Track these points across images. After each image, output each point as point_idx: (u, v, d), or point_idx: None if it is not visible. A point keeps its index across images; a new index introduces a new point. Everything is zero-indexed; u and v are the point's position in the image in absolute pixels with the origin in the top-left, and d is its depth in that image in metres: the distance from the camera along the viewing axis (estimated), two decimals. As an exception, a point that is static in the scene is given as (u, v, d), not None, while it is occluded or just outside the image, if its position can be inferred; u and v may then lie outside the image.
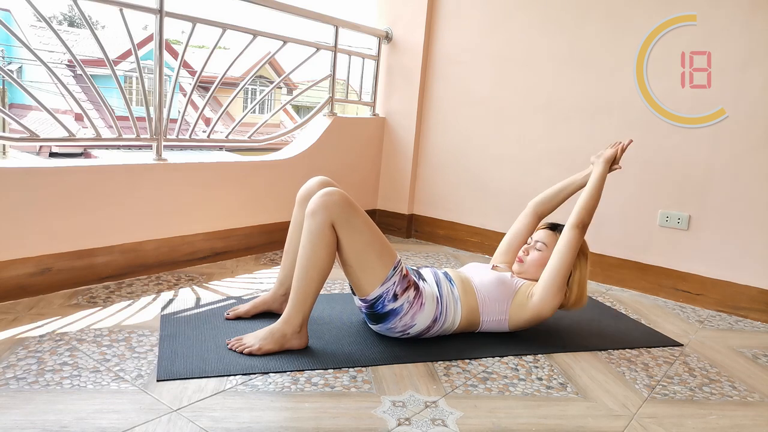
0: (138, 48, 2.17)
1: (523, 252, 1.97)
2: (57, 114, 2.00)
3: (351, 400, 1.46)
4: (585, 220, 1.86)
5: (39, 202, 1.94)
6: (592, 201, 1.89)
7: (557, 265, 1.83)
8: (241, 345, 1.66)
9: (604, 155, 2.00)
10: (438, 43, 3.22)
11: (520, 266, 1.96)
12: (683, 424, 1.50)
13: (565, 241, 1.84)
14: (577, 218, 1.85)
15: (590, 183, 1.93)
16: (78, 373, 1.47)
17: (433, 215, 3.34)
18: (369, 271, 1.67)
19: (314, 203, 1.63)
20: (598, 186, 1.91)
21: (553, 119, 2.88)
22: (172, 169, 2.33)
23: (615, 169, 2.00)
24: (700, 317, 2.41)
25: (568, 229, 1.85)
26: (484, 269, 1.97)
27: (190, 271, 2.40)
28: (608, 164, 1.98)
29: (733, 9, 2.39)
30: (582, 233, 1.85)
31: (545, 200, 2.14)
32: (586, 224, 1.86)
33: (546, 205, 2.14)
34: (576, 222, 1.85)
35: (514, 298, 1.87)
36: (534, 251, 1.95)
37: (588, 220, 1.86)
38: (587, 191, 1.91)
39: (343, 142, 3.14)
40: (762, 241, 2.40)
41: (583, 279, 1.92)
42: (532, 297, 1.85)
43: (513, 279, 1.91)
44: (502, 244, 2.15)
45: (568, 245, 1.83)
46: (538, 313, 1.85)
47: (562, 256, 1.83)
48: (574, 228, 1.84)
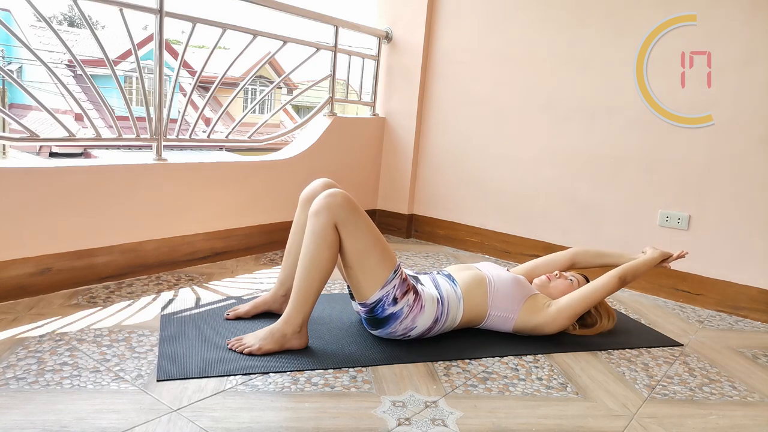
0: (138, 48, 2.17)
1: (554, 275, 2.08)
2: (57, 114, 2.00)
3: (351, 400, 1.46)
4: (627, 279, 1.99)
5: (39, 202, 1.94)
6: (637, 272, 2.02)
7: (585, 295, 1.95)
8: (241, 345, 1.66)
9: (661, 249, 2.11)
10: (438, 43, 3.22)
11: (544, 282, 2.06)
12: (683, 424, 1.50)
13: (603, 283, 1.96)
14: (623, 273, 1.98)
15: (643, 260, 2.05)
16: (78, 373, 1.47)
17: (433, 215, 3.34)
18: (370, 274, 1.67)
19: (318, 203, 1.64)
20: (646, 266, 2.04)
21: (553, 119, 2.88)
22: (172, 169, 2.33)
23: (663, 266, 2.10)
24: (700, 317, 2.41)
25: (612, 275, 1.98)
26: (500, 268, 2.02)
27: (190, 271, 2.40)
28: (662, 258, 2.08)
29: (733, 9, 2.39)
30: (618, 286, 1.97)
31: (589, 256, 2.20)
32: (625, 282, 1.99)
33: (587, 261, 2.20)
34: (621, 275, 1.98)
35: (527, 300, 1.91)
36: (565, 280, 2.06)
37: (629, 281, 2.00)
38: (639, 263, 2.04)
39: (343, 142, 3.14)
40: (762, 241, 2.40)
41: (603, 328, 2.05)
42: (549, 307, 1.92)
43: (530, 285, 1.99)
44: (527, 264, 2.22)
45: (603, 287, 1.95)
46: (547, 323, 1.91)
47: (593, 291, 1.95)
48: (617, 278, 1.97)
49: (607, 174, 2.75)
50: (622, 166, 2.71)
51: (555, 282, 2.05)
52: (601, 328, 2.04)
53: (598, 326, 2.03)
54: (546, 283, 2.05)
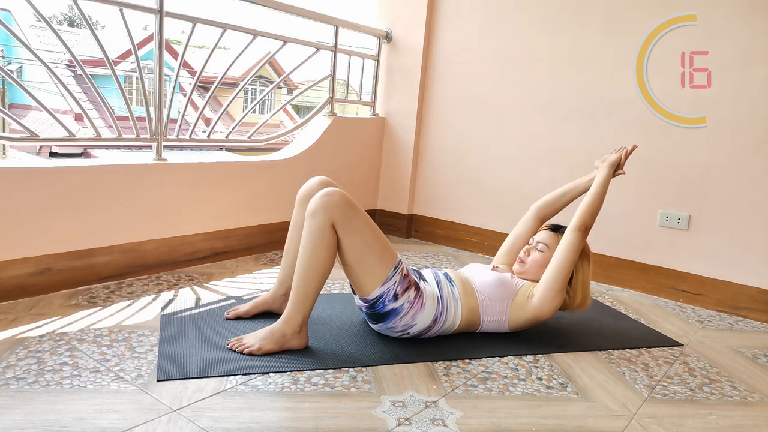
0: (138, 48, 2.17)
1: (524, 252, 1.97)
2: (57, 114, 2.01)
3: (351, 400, 1.46)
4: (587, 223, 1.86)
5: (39, 202, 1.94)
6: (595, 204, 1.89)
7: (558, 266, 1.83)
8: (241, 345, 1.66)
9: (608, 160, 1.99)
10: (438, 43, 3.22)
11: (521, 266, 1.96)
12: (683, 424, 1.50)
13: (567, 243, 1.84)
14: (580, 221, 1.85)
15: (594, 187, 1.93)
16: (78, 373, 1.47)
17: (433, 215, 3.34)
18: (369, 272, 1.67)
19: (314, 203, 1.63)
20: (602, 190, 1.91)
21: (553, 119, 2.88)
22: (172, 169, 2.33)
23: (619, 174, 1.99)
24: (700, 317, 2.41)
25: (570, 231, 1.86)
26: (484, 270, 1.98)
27: (190, 271, 2.40)
28: (612, 169, 1.97)
29: (733, 9, 2.39)
30: (584, 236, 1.85)
31: (548, 203, 2.13)
32: (588, 227, 1.86)
33: (548, 209, 2.13)
34: (578, 224, 1.85)
35: (514, 298, 1.87)
36: (535, 252, 1.95)
37: (590, 223, 1.87)
38: (590, 195, 1.91)
39: (343, 142, 3.14)
40: (762, 241, 2.40)
41: (586, 281, 1.93)
42: (531, 298, 1.86)
43: (513, 279, 1.92)
44: (504, 246, 2.15)
45: (569, 247, 1.83)
46: (537, 313, 1.85)
47: (563, 257, 1.83)
48: (576, 230, 1.84)
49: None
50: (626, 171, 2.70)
51: (529, 261, 1.94)
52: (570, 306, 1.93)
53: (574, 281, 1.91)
54: (522, 266, 1.95)
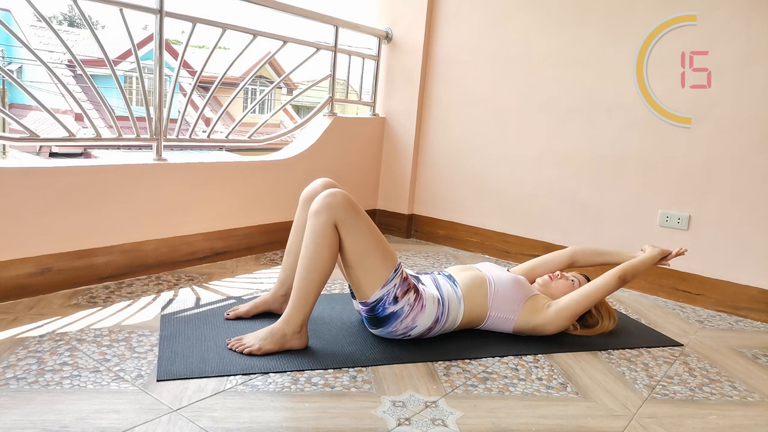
0: (138, 48, 2.17)
1: (557, 275, 2.08)
2: (57, 114, 2.00)
3: (351, 400, 1.46)
4: (628, 278, 1.98)
5: (39, 202, 1.94)
6: (638, 271, 2.01)
7: (585, 294, 1.94)
8: (241, 345, 1.66)
9: (660, 247, 2.11)
10: (438, 43, 3.22)
11: (546, 282, 2.06)
12: (683, 424, 1.50)
13: (603, 282, 1.96)
14: (623, 272, 1.98)
15: (642, 258, 2.05)
16: (78, 373, 1.47)
17: (433, 215, 3.34)
18: (370, 273, 1.67)
19: (318, 203, 1.64)
20: (645, 265, 2.03)
21: (553, 119, 2.88)
22: (172, 169, 2.33)
23: (663, 265, 2.12)
24: (700, 317, 2.41)
25: (611, 274, 1.97)
26: (501, 269, 2.02)
27: (190, 271, 2.40)
28: (662, 255, 2.08)
29: (733, 9, 2.39)
30: (618, 285, 1.96)
31: (588, 254, 2.20)
32: (625, 282, 1.98)
33: (585, 258, 2.20)
34: (620, 275, 1.97)
35: (528, 301, 1.91)
36: (566, 280, 2.06)
37: (629, 280, 1.99)
38: (638, 262, 2.03)
39: (343, 142, 3.14)
40: (762, 241, 2.40)
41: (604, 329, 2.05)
42: (549, 307, 1.92)
43: (531, 285, 1.99)
44: (526, 264, 2.21)
45: (603, 286, 1.95)
46: (547, 323, 1.91)
47: (594, 291, 1.95)
48: (616, 277, 1.96)
49: (607, 174, 2.75)
50: (622, 166, 2.71)
51: (557, 282, 2.05)
52: (602, 328, 2.04)
53: (599, 327, 2.03)
54: (548, 282, 2.05)
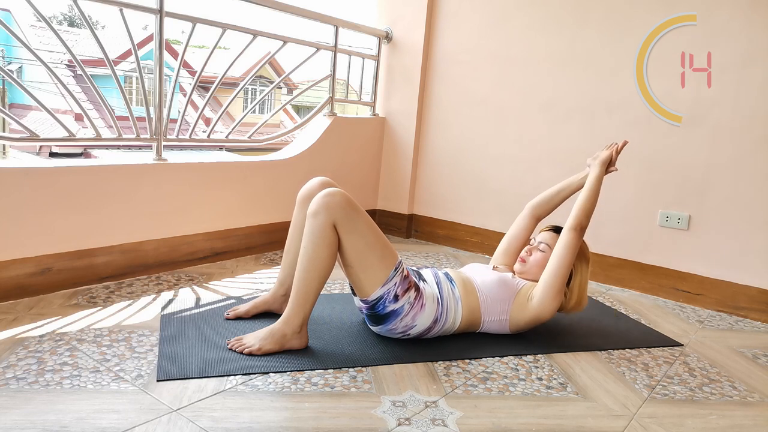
0: (138, 48, 2.17)
1: (525, 252, 1.98)
2: (57, 114, 2.00)
3: (351, 400, 1.46)
4: (582, 222, 1.86)
5: (39, 202, 1.94)
6: (589, 203, 1.88)
7: (556, 267, 1.83)
8: (241, 345, 1.66)
9: (599, 157, 1.99)
10: (438, 43, 3.22)
11: (522, 266, 1.96)
12: (683, 424, 1.50)
13: (563, 244, 1.84)
14: (575, 221, 1.85)
15: (587, 185, 1.93)
16: (78, 373, 1.47)
17: (433, 215, 3.34)
18: (370, 272, 1.67)
19: (316, 203, 1.63)
20: (595, 188, 1.91)
21: (553, 119, 2.88)
22: (172, 169, 2.33)
23: (611, 171, 2.00)
24: (700, 317, 2.41)
25: (565, 231, 1.86)
26: (485, 270, 1.98)
27: (190, 271, 2.40)
28: (604, 166, 1.97)
29: (733, 9, 2.39)
30: (580, 235, 1.85)
31: (543, 202, 2.14)
32: (583, 227, 1.86)
33: (543, 207, 2.14)
34: (573, 224, 1.85)
35: (515, 298, 1.87)
36: (537, 252, 1.95)
37: (586, 222, 1.86)
38: (584, 193, 1.91)
39: (343, 142, 3.14)
40: (762, 241, 2.40)
41: (584, 282, 1.93)
42: (531, 299, 1.86)
43: (515, 280, 1.92)
44: (501, 246, 2.15)
45: (566, 247, 1.83)
46: (537, 314, 1.86)
47: (561, 258, 1.83)
48: (571, 230, 1.84)
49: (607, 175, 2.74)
50: (622, 166, 2.69)
51: (531, 261, 1.94)
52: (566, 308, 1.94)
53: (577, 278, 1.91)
54: (523, 266, 1.95)
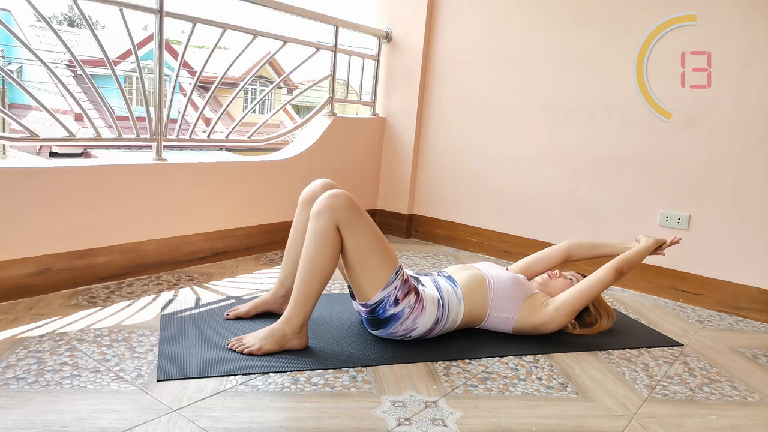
0: (138, 48, 2.17)
1: (555, 273, 2.07)
2: (57, 114, 2.00)
3: (351, 400, 1.46)
4: (624, 270, 1.97)
5: (39, 202, 1.94)
6: (634, 262, 2.00)
7: (583, 290, 1.94)
8: (241, 345, 1.66)
9: (654, 237, 2.10)
10: (438, 43, 3.22)
11: (546, 281, 2.05)
12: (683, 424, 1.50)
13: (599, 276, 1.95)
14: (620, 264, 1.97)
15: (636, 249, 2.04)
16: (78, 373, 1.47)
17: (433, 215, 3.34)
18: (371, 275, 1.67)
19: (320, 204, 1.63)
20: (641, 256, 2.03)
21: (553, 119, 2.88)
22: (172, 169, 2.33)
23: (657, 253, 2.10)
24: (700, 317, 2.41)
25: (608, 267, 1.96)
26: (500, 268, 2.01)
27: (190, 271, 2.40)
28: (656, 245, 2.07)
29: (733, 9, 2.39)
30: (615, 278, 1.96)
31: (582, 248, 2.19)
32: (622, 274, 1.97)
33: (580, 252, 2.19)
34: (617, 267, 1.96)
35: (527, 299, 1.91)
36: (565, 279, 2.06)
37: (626, 272, 1.98)
38: (633, 254, 2.02)
39: (343, 142, 3.14)
40: (762, 241, 2.40)
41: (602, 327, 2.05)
42: (547, 305, 1.92)
43: (530, 284, 1.99)
44: (523, 261, 2.21)
45: (600, 280, 1.94)
46: (546, 321, 1.91)
47: (591, 285, 1.94)
48: (613, 270, 1.96)
49: (607, 174, 2.75)
50: (622, 166, 2.71)
51: (555, 281, 2.05)
52: (601, 327, 2.04)
53: (597, 325, 2.03)
54: (547, 281, 2.05)
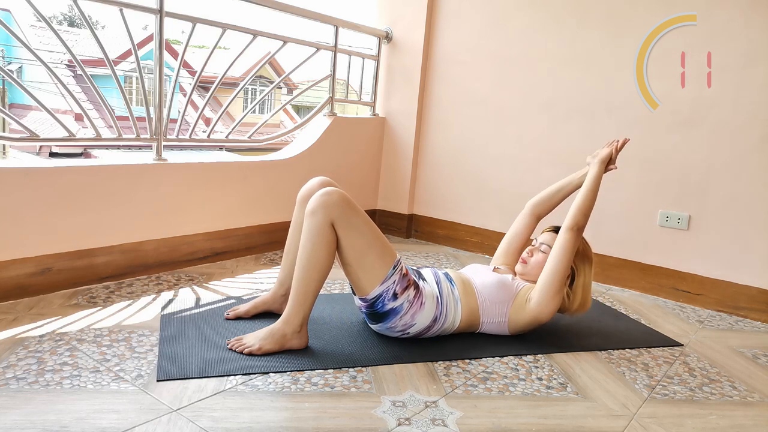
0: (138, 48, 2.17)
1: (527, 253, 1.96)
2: (57, 114, 2.00)
3: (351, 400, 1.46)
4: (580, 222, 1.83)
5: (39, 202, 1.94)
6: (587, 202, 1.86)
7: (554, 268, 1.82)
8: (241, 345, 1.66)
9: (599, 155, 1.97)
10: (438, 43, 3.22)
11: (524, 267, 1.96)
12: (683, 424, 1.50)
13: (561, 244, 1.82)
14: (572, 220, 1.83)
15: (585, 184, 1.90)
16: (78, 373, 1.47)
17: (433, 215, 3.34)
18: (369, 270, 1.67)
19: (314, 203, 1.64)
20: (594, 187, 1.88)
21: (553, 119, 2.88)
22: (172, 169, 2.33)
23: (611, 169, 1.97)
24: (700, 317, 2.41)
25: (562, 231, 1.84)
26: (485, 271, 1.97)
27: (190, 271, 2.40)
28: (604, 164, 1.94)
29: (733, 9, 2.39)
30: (577, 235, 1.83)
31: (543, 201, 2.14)
32: (581, 226, 1.83)
33: (543, 206, 2.14)
34: (571, 224, 1.83)
35: (514, 300, 1.87)
36: (538, 253, 1.94)
37: (583, 222, 1.84)
38: (582, 193, 1.88)
39: (343, 142, 3.14)
40: (762, 241, 2.40)
41: (587, 283, 1.92)
42: (530, 301, 1.85)
43: (514, 281, 1.92)
44: (502, 246, 2.14)
45: (563, 248, 1.82)
46: (536, 315, 1.85)
47: (559, 258, 1.82)
48: (569, 230, 1.83)
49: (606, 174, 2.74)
50: (622, 166, 2.70)
51: (532, 262, 1.93)
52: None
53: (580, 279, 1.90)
54: (524, 266, 1.94)
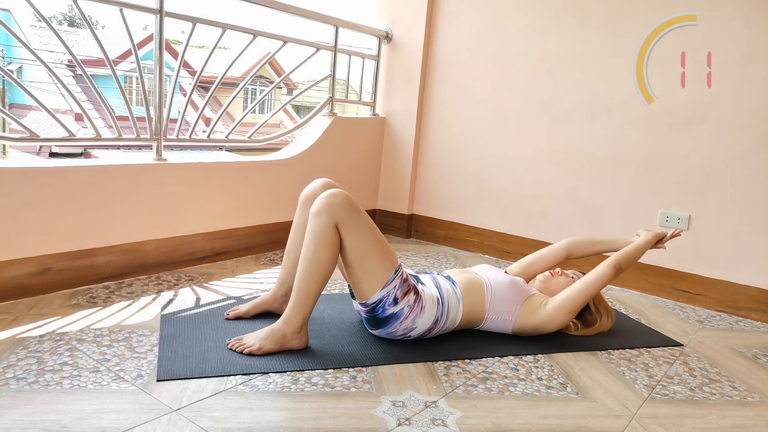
0: (138, 48, 2.17)
1: (557, 272, 2.06)
2: (57, 114, 2.00)
3: (351, 400, 1.46)
4: (623, 266, 1.95)
5: (39, 202, 1.94)
6: (633, 257, 1.98)
7: (582, 289, 1.92)
8: (241, 345, 1.66)
9: (654, 231, 2.08)
10: (438, 43, 3.22)
11: (548, 280, 2.04)
12: (683, 424, 1.50)
13: (599, 273, 1.92)
14: (619, 260, 1.95)
15: (636, 245, 2.01)
16: (78, 373, 1.47)
17: (433, 215, 3.34)
18: (371, 274, 1.67)
19: (319, 204, 1.64)
20: (640, 251, 2.00)
21: (553, 119, 2.88)
22: (172, 169, 2.33)
23: (659, 247, 2.07)
24: (700, 317, 2.41)
25: (606, 265, 1.94)
26: (497, 271, 2.01)
27: (190, 271, 2.40)
28: (656, 239, 2.04)
29: (733, 9, 2.39)
30: (615, 274, 1.93)
31: (582, 244, 2.18)
32: (621, 270, 1.95)
33: (580, 250, 2.18)
34: (615, 263, 1.94)
35: (525, 301, 1.91)
36: (566, 277, 2.04)
37: (625, 268, 1.96)
38: (633, 249, 1.99)
39: (343, 142, 3.14)
40: (762, 241, 2.40)
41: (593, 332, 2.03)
42: (546, 305, 1.91)
43: (527, 286, 1.98)
44: (523, 261, 2.20)
45: (599, 277, 1.92)
46: (547, 321, 1.90)
47: (590, 283, 1.92)
48: (612, 267, 1.93)
49: (607, 174, 2.75)
50: (622, 166, 2.71)
51: (557, 279, 2.04)
52: (601, 327, 2.03)
53: (597, 325, 2.03)
54: (549, 278, 2.05)
